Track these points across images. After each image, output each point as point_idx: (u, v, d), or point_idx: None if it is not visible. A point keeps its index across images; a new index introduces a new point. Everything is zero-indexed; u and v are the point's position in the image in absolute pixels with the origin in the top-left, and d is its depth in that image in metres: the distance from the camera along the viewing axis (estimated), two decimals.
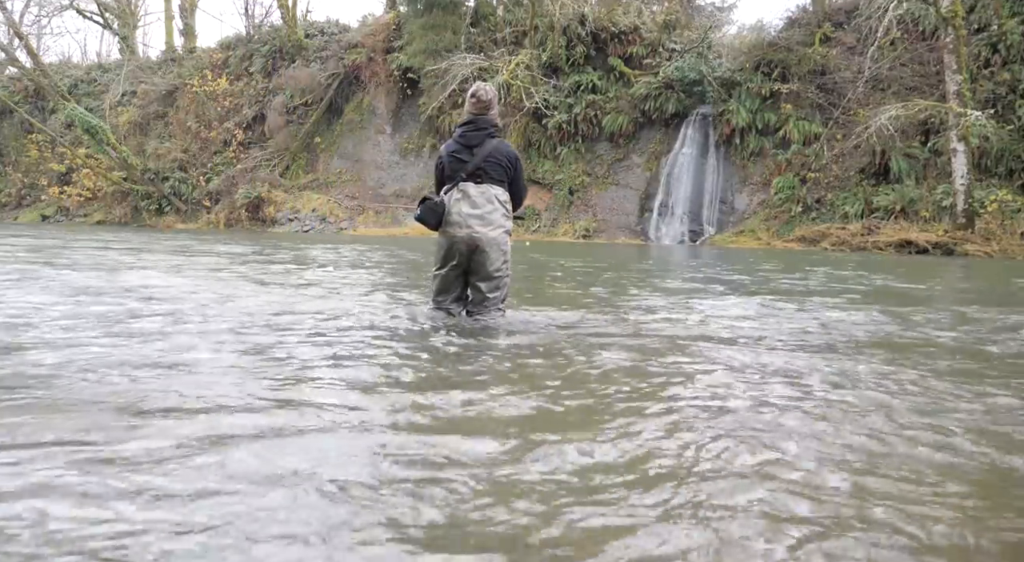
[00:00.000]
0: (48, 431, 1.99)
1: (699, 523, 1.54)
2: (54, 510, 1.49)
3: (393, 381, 2.76)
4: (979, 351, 3.84)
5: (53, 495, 1.56)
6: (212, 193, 26.31)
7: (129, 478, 1.66)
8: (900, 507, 1.64)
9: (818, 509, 1.62)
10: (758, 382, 2.90)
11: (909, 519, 1.58)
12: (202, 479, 1.67)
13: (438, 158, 4.10)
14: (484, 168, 3.95)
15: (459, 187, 3.95)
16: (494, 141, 4.00)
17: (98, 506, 1.51)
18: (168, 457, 1.81)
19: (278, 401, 2.38)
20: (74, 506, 1.51)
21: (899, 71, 19.21)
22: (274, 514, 1.51)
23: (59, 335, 3.45)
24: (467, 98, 4.09)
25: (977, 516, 1.64)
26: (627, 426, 2.23)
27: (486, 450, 1.95)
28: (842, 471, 1.87)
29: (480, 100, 4.01)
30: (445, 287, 4.08)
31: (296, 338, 3.56)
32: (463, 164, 3.96)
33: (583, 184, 22.05)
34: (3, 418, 2.10)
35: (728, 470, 1.87)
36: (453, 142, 4.05)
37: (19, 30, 29.33)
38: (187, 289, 5.56)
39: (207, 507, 1.53)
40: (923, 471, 1.89)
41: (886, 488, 1.75)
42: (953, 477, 1.86)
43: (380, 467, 1.81)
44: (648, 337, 3.98)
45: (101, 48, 60.81)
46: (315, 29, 28.88)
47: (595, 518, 1.55)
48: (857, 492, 1.73)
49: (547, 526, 1.50)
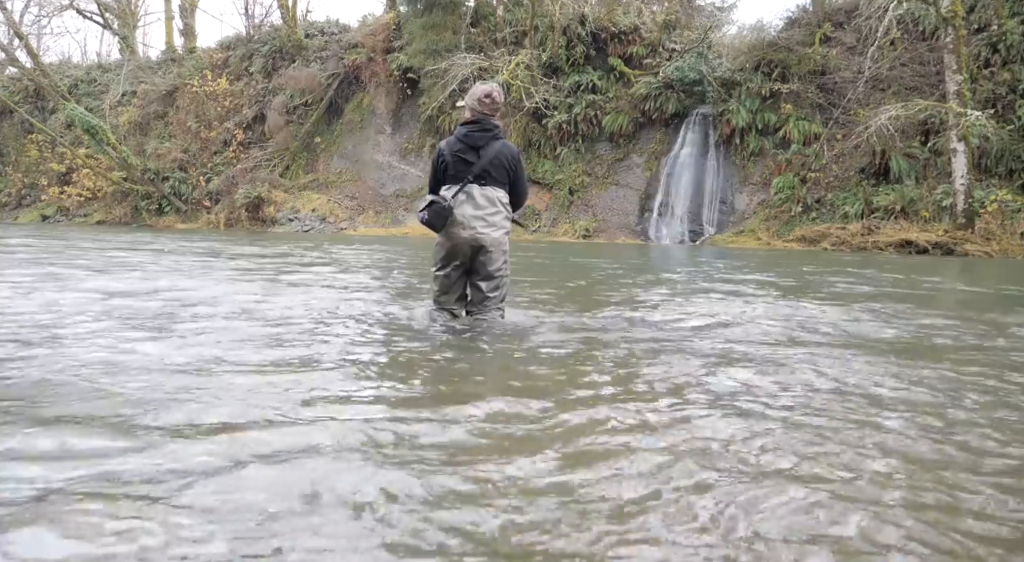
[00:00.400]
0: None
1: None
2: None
3: (398, 388, 2.77)
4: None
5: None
6: (212, 193, 26.30)
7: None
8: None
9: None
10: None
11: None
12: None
13: (438, 153, 4.04)
14: (488, 171, 3.95)
15: (464, 189, 3.95)
16: (498, 143, 3.99)
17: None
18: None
19: (292, 419, 2.38)
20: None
21: (899, 71, 19.21)
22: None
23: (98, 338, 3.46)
24: (475, 97, 4.01)
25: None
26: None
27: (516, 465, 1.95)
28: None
29: (494, 101, 4.00)
30: (447, 288, 4.09)
31: (333, 343, 3.57)
32: (469, 166, 3.95)
33: (583, 184, 22.05)
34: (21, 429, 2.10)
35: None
36: (457, 141, 4.00)
37: (19, 30, 29.32)
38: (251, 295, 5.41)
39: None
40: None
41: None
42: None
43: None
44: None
45: (101, 48, 60.78)
46: (315, 29, 28.87)
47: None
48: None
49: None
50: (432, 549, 1.39)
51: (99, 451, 1.85)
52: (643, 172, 21.67)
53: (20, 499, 1.55)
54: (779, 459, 1.94)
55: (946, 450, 2.08)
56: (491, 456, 1.91)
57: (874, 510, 1.62)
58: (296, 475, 1.72)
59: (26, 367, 2.77)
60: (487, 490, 1.68)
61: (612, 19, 22.52)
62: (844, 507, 1.63)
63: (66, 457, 1.80)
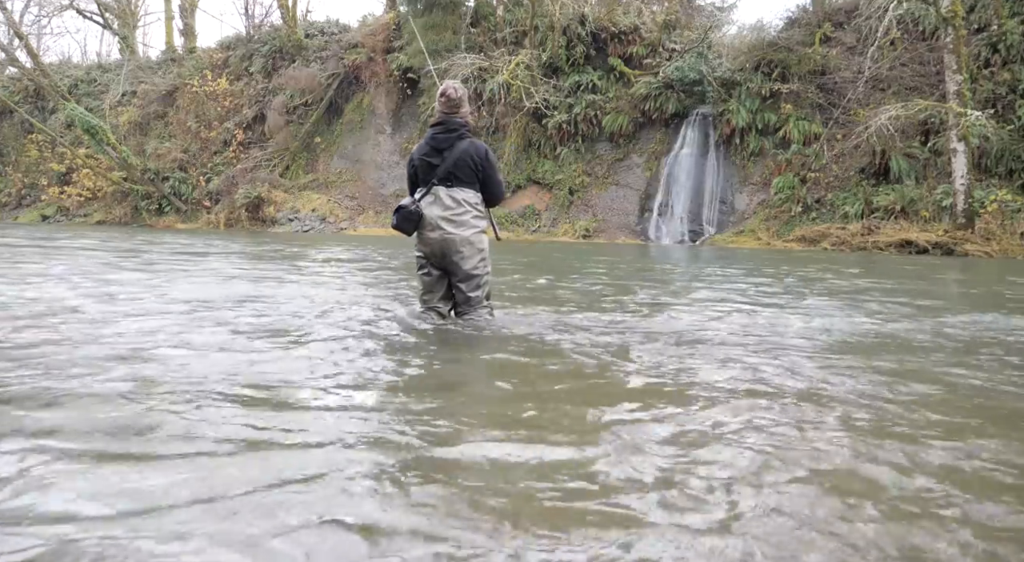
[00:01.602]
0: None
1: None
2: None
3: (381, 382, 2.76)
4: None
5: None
6: (212, 193, 26.32)
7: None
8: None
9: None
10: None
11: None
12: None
13: (409, 159, 4.13)
14: (454, 172, 3.97)
15: (431, 192, 3.99)
16: (463, 143, 3.99)
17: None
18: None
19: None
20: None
21: (899, 71, 19.21)
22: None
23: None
24: (437, 98, 4.08)
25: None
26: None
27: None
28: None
29: (450, 99, 4.00)
30: (430, 287, 4.15)
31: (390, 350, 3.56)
32: (434, 168, 3.99)
33: (583, 184, 22.05)
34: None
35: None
36: (424, 144, 4.06)
37: (19, 30, 29.34)
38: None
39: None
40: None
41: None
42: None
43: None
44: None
45: (101, 48, 60.83)
46: (315, 29, 28.89)
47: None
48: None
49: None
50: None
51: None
52: (643, 172, 21.67)
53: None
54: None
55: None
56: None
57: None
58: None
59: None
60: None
61: (612, 19, 22.52)
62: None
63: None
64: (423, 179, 4.04)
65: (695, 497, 1.67)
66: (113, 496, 1.58)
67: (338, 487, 1.66)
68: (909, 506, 1.66)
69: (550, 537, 1.45)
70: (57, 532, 1.40)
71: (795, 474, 1.83)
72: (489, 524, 1.50)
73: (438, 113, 4.06)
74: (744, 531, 1.49)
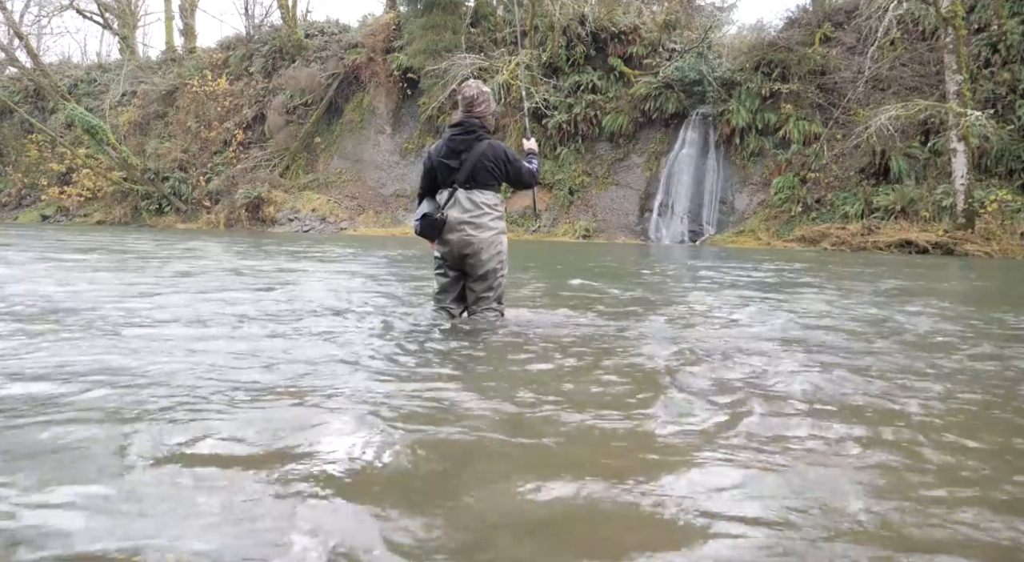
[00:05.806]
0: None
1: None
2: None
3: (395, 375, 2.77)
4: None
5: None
6: (212, 193, 26.32)
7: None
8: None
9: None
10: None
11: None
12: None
13: (427, 158, 4.11)
14: (473, 175, 3.98)
15: (453, 195, 4.01)
16: (482, 145, 3.98)
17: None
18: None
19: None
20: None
21: (899, 71, 19.20)
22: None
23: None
24: (457, 99, 4.12)
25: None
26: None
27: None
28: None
29: (464, 96, 4.02)
30: (445, 287, 4.18)
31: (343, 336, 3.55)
32: (453, 171, 4.00)
33: (583, 184, 22.05)
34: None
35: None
36: (442, 144, 4.06)
37: (19, 30, 29.34)
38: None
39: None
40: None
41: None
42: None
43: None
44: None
45: (101, 48, 60.80)
46: (315, 29, 28.89)
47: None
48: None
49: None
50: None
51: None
52: (643, 172, 21.66)
53: None
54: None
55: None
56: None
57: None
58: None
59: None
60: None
61: (612, 19, 22.51)
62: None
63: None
64: (443, 182, 4.05)
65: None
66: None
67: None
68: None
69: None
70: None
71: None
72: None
73: (459, 113, 4.07)
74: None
